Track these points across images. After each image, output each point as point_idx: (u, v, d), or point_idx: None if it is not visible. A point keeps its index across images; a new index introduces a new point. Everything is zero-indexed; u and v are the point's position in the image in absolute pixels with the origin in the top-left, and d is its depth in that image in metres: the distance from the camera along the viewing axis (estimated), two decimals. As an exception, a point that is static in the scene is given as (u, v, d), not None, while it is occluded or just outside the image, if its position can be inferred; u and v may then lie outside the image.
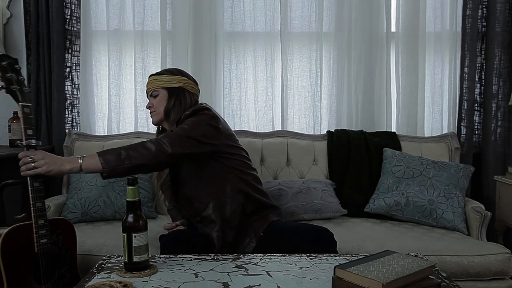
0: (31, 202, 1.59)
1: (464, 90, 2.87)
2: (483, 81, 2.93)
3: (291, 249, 1.67)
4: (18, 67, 1.64)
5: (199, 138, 1.78)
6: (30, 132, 1.59)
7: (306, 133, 2.86)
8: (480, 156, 2.92)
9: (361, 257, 1.42)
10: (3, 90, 1.61)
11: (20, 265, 1.58)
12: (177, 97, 1.95)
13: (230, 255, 1.58)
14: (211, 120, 1.85)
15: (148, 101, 2.03)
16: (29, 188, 1.58)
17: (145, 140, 1.75)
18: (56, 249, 1.67)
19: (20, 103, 1.62)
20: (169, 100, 1.95)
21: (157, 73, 2.03)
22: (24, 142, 1.58)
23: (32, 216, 1.59)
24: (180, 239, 1.79)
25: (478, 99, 2.94)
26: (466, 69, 2.86)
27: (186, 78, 2.00)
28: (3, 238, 1.56)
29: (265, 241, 1.83)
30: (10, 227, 1.60)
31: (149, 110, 2.01)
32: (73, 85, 2.95)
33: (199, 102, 2.04)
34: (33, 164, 1.54)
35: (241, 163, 1.94)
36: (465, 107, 2.87)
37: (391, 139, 2.71)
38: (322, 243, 1.74)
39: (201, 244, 1.79)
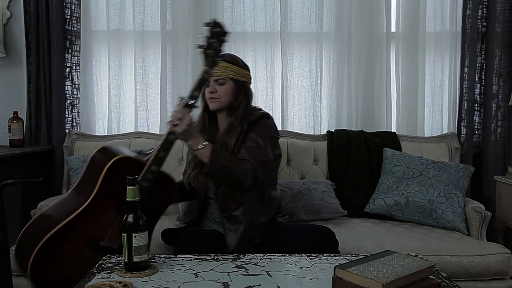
0: (157, 148, 1.66)
1: (464, 90, 2.87)
2: (483, 81, 2.93)
3: (293, 249, 1.67)
4: (223, 39, 1.69)
5: (275, 160, 1.91)
6: (196, 94, 1.67)
7: (306, 133, 2.86)
8: (480, 156, 2.92)
9: (361, 257, 1.42)
10: (201, 49, 1.68)
11: (113, 190, 1.65)
12: (245, 94, 1.92)
13: (230, 255, 1.58)
14: (275, 132, 1.92)
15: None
16: (163, 137, 1.66)
17: (247, 160, 1.77)
18: (150, 199, 1.67)
19: (205, 66, 1.68)
20: (236, 95, 1.90)
21: (228, 61, 1.90)
22: (185, 98, 1.65)
23: (150, 159, 1.66)
24: (196, 239, 1.76)
25: (478, 99, 2.94)
26: (466, 69, 2.86)
27: (249, 73, 1.97)
28: (116, 160, 1.66)
29: (268, 241, 1.83)
30: (126, 155, 1.70)
31: (210, 95, 1.89)
32: (73, 85, 2.94)
33: None
34: (176, 123, 1.60)
35: (274, 174, 1.99)
36: (465, 107, 2.88)
37: (391, 139, 2.71)
38: (324, 243, 1.74)
39: (217, 244, 1.77)
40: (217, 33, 1.68)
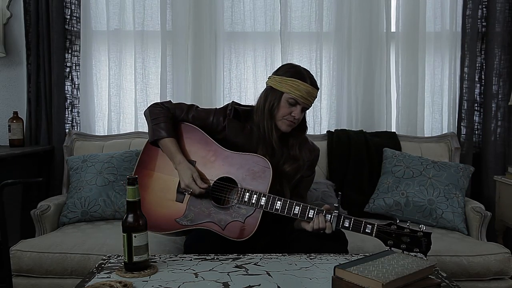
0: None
1: (464, 90, 2.87)
2: (483, 81, 2.93)
3: (303, 248, 1.67)
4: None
5: None
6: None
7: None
8: (480, 156, 2.92)
9: (361, 257, 1.42)
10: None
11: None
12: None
13: (230, 255, 1.58)
14: None
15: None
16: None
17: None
18: None
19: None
20: (303, 123, 1.93)
21: (316, 88, 1.84)
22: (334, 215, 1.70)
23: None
24: (204, 240, 1.72)
25: (478, 99, 2.94)
26: (466, 69, 2.86)
27: None
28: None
29: (278, 239, 1.84)
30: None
31: (290, 119, 1.82)
32: (73, 85, 2.94)
33: None
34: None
35: None
36: (465, 107, 2.88)
37: (391, 139, 2.71)
38: (334, 241, 1.73)
39: (226, 245, 1.73)
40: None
